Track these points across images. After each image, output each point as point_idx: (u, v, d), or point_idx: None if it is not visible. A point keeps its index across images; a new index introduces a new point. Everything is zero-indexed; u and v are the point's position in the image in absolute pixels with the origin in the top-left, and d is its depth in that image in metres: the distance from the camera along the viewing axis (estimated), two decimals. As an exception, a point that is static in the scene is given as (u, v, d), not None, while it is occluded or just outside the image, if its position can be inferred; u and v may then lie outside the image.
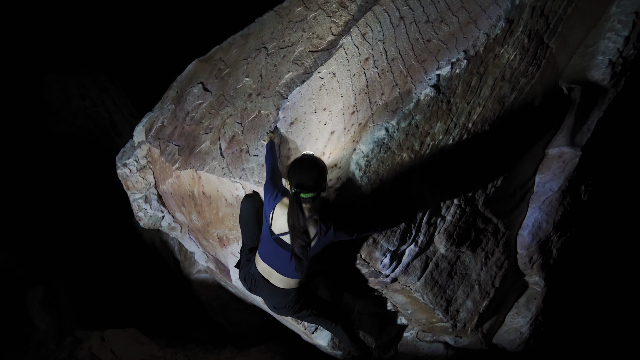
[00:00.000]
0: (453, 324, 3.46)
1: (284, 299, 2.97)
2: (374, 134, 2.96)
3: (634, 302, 4.72)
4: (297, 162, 2.68)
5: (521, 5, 3.13)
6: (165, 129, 4.44)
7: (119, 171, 4.68)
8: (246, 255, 3.16)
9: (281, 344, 4.97)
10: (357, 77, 3.35)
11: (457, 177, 3.25)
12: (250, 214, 3.19)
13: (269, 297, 3.04)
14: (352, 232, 2.73)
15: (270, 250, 2.84)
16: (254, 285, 3.05)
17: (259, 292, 3.06)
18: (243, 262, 3.18)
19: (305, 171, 2.60)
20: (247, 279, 3.09)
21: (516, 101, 3.32)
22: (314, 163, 2.66)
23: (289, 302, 2.99)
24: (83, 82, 8.72)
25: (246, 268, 3.10)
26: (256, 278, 3.00)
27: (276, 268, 2.87)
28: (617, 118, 3.57)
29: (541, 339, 3.84)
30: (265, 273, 2.94)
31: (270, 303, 3.08)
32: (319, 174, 2.63)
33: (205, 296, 5.24)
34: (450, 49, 3.08)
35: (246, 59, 4.36)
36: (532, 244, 3.55)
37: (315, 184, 2.60)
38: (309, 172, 2.60)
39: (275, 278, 2.91)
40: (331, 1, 4.21)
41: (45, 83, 8.29)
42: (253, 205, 3.21)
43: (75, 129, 8.37)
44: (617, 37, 3.43)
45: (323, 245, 2.71)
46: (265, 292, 3.02)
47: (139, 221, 4.72)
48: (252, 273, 3.02)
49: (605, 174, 3.74)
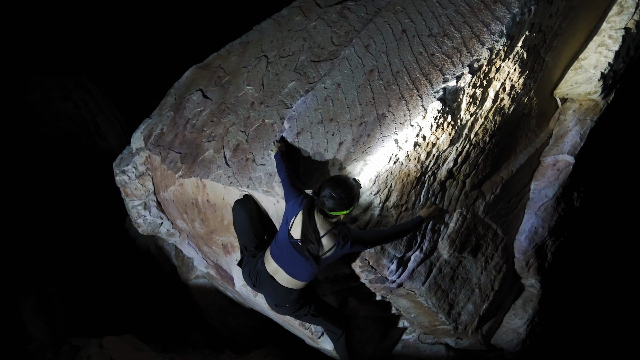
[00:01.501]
0: (455, 327, 3.59)
1: (287, 297, 3.05)
2: (383, 146, 3.05)
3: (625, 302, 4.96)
4: (329, 182, 2.76)
5: (521, 22, 3.27)
6: (166, 136, 4.44)
7: (118, 178, 4.66)
8: (251, 252, 3.22)
9: (280, 347, 5.03)
10: (362, 89, 3.44)
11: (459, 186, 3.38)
12: (245, 218, 3.29)
13: (271, 295, 3.12)
14: (367, 245, 2.85)
15: (285, 253, 2.92)
16: (258, 281, 3.12)
17: (262, 288, 3.14)
18: (247, 259, 3.23)
19: (334, 195, 2.69)
20: (251, 274, 3.15)
21: (515, 112, 3.47)
22: (344, 188, 2.72)
23: (290, 301, 3.07)
24: (65, 83, 8.56)
25: (251, 264, 3.17)
26: (261, 274, 3.07)
27: (286, 269, 2.95)
28: (607, 128, 3.75)
29: (537, 339, 4.03)
30: (272, 271, 3.02)
31: (272, 301, 3.15)
32: (348, 199, 2.72)
33: (202, 301, 5.26)
34: (454, 64, 3.20)
35: (246, 67, 4.40)
36: (528, 249, 3.72)
37: (341, 208, 2.72)
38: (339, 196, 2.69)
39: (282, 277, 2.99)
40: (330, 11, 4.29)
41: (27, 84, 8.12)
42: (245, 209, 3.33)
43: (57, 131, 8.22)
44: (608, 51, 3.62)
45: (338, 256, 2.80)
46: (268, 289, 3.10)
47: (137, 228, 4.71)
48: (258, 269, 3.09)
49: (596, 180, 3.93)
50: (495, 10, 3.33)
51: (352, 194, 2.74)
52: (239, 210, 3.34)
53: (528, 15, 3.28)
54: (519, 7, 3.27)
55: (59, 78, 8.45)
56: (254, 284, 3.16)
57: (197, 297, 5.26)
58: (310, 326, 3.71)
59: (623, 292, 4.93)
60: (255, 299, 4.01)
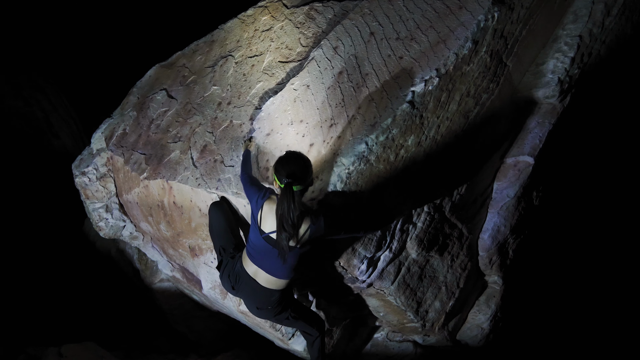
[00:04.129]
0: (422, 324, 3.67)
1: (268, 299, 3.00)
2: (354, 147, 3.08)
3: (581, 296, 5.23)
4: (284, 157, 2.78)
5: (485, 28, 3.38)
6: (128, 136, 4.32)
7: (77, 180, 4.49)
8: (230, 254, 3.17)
9: (247, 349, 5.00)
10: (332, 90, 3.46)
11: (427, 186, 3.46)
12: (222, 219, 3.24)
13: (252, 297, 3.05)
14: (340, 230, 2.84)
15: (260, 250, 2.88)
16: (238, 283, 3.05)
17: (242, 291, 3.07)
18: (226, 261, 3.17)
19: (294, 163, 2.71)
20: (231, 277, 3.09)
21: (478, 115, 3.58)
22: (300, 155, 2.79)
23: (272, 302, 3.02)
24: (16, 80, 8.22)
25: (230, 266, 3.11)
26: (241, 276, 3.01)
27: (265, 268, 2.91)
28: (564, 131, 3.94)
29: (500, 333, 4.18)
30: (252, 272, 2.96)
31: (254, 303, 3.09)
32: (307, 165, 2.75)
33: (167, 305, 5.15)
34: (422, 67, 3.27)
35: (212, 67, 4.34)
36: (491, 246, 3.85)
37: (304, 175, 2.71)
38: (298, 162, 2.73)
39: (262, 278, 2.94)
40: (298, 12, 4.29)
41: (-25, 82, 7.72)
42: (222, 210, 3.28)
43: (7, 130, 7.88)
44: (565, 57, 3.80)
45: (313, 237, 2.76)
46: (248, 292, 3.03)
47: (99, 231, 4.56)
48: (238, 271, 3.03)
49: (554, 180, 4.12)
50: (461, 16, 3.43)
51: (306, 159, 2.77)
52: (215, 212, 3.28)
53: (492, 22, 3.40)
54: (483, 13, 3.38)
55: (9, 75, 8.09)
56: (233, 287, 3.10)
57: (161, 301, 5.15)
58: (280, 328, 3.71)
59: (580, 285, 5.20)
60: (223, 301, 3.96)
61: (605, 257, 5.42)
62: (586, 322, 5.25)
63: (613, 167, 4.97)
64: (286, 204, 2.59)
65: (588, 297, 5.32)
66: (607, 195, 5.16)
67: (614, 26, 4.05)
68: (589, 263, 5.30)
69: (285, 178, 2.63)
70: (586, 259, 5.23)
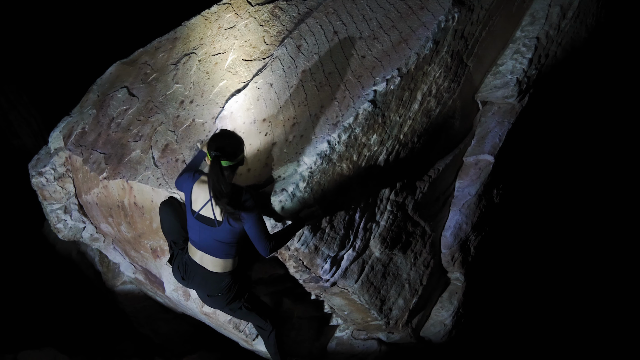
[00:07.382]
0: (386, 322, 3.70)
1: (218, 285, 2.98)
2: (316, 147, 3.08)
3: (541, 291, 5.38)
4: (217, 133, 2.89)
5: (445, 29, 3.43)
6: (88, 135, 4.20)
7: (34, 180, 4.34)
8: (180, 246, 3.16)
9: (213, 351, 4.94)
10: (295, 89, 3.45)
11: (390, 185, 3.49)
12: (172, 215, 3.23)
13: (202, 285, 3.03)
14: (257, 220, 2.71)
15: (196, 231, 2.89)
16: (187, 273, 3.05)
17: (192, 280, 3.06)
18: (176, 254, 3.16)
19: (225, 138, 2.79)
20: (180, 267, 3.09)
21: (440, 114, 3.63)
22: (232, 133, 2.86)
23: (222, 288, 2.99)
24: (-29, 79, 7.90)
25: (179, 257, 3.12)
26: (189, 265, 3.01)
27: (206, 250, 2.90)
28: (522, 130, 4.04)
29: (462, 329, 4.25)
30: (198, 259, 2.96)
31: (204, 291, 3.07)
32: (238, 143, 2.80)
33: (130, 308, 5.03)
34: (384, 66, 3.30)
35: (175, 65, 4.27)
36: (454, 244, 3.91)
37: (234, 150, 2.74)
38: (229, 139, 2.79)
39: (207, 261, 2.93)
40: (262, 10, 4.26)
41: None
42: (172, 206, 3.27)
43: (-37, 130, 7.58)
44: (523, 58, 3.90)
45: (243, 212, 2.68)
46: (198, 280, 3.01)
47: (57, 233, 4.42)
48: (186, 260, 3.04)
49: (514, 178, 4.22)
50: (422, 16, 3.48)
51: (237, 137, 2.82)
52: (164, 209, 3.27)
53: (452, 22, 3.46)
54: (444, 13, 3.43)
55: (-35, 73, 7.77)
56: (183, 277, 3.08)
57: (124, 304, 5.03)
58: (244, 329, 3.68)
59: (539, 280, 5.34)
60: (187, 303, 3.90)
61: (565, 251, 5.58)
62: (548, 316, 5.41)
63: (570, 163, 5.13)
64: (215, 175, 2.63)
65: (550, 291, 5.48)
66: (565, 191, 5.32)
67: (569, 29, 4.18)
68: (549, 258, 5.46)
69: (214, 151, 2.67)
70: (546, 254, 5.38)
